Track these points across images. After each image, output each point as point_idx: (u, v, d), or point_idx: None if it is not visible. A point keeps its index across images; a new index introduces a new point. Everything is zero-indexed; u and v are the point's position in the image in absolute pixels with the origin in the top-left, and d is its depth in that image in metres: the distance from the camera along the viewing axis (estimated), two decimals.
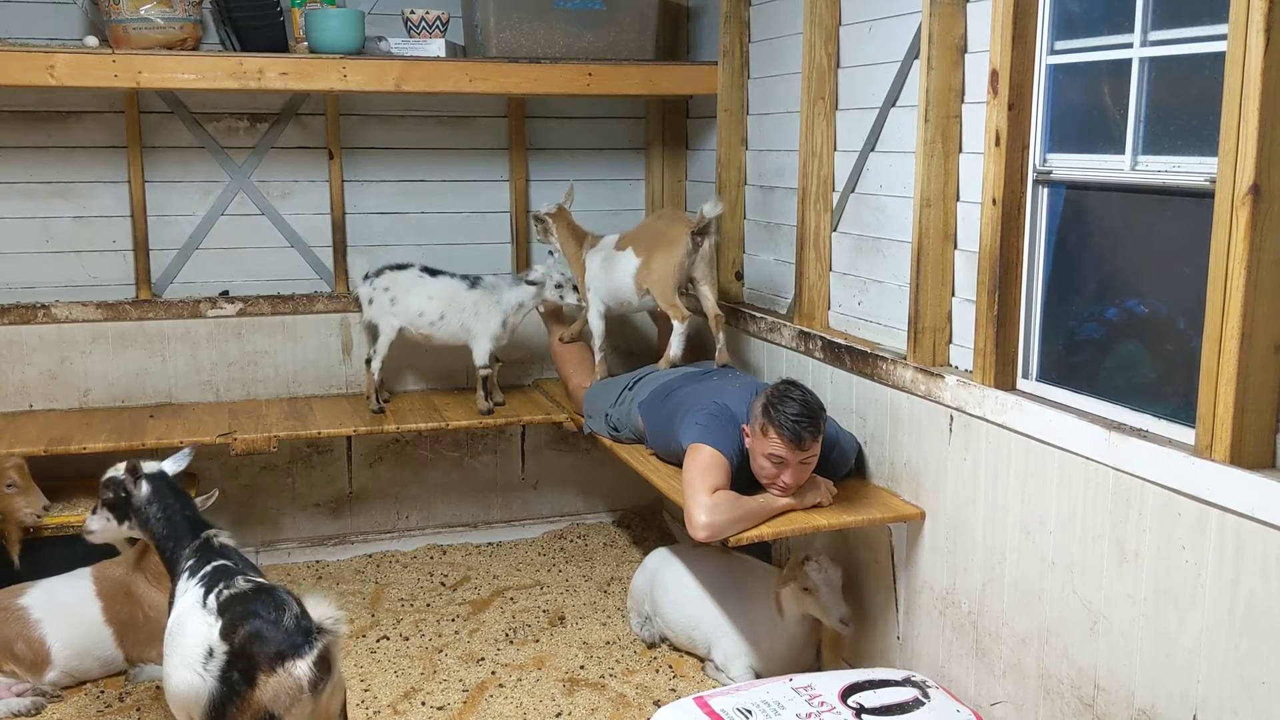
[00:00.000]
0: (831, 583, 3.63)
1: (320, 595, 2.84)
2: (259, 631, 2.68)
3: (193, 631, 2.80)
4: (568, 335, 4.83)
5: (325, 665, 2.69)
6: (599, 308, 4.51)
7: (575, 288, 4.61)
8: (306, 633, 2.68)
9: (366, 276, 4.73)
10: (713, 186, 4.78)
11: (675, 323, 4.21)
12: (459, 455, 5.24)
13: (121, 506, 3.38)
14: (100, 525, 3.46)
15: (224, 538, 3.20)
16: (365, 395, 4.83)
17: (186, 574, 3.06)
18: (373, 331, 4.75)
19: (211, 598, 2.83)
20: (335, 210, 4.95)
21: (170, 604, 3.09)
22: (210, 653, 2.72)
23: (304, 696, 2.66)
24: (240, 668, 2.67)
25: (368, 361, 4.76)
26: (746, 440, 3.51)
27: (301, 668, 2.65)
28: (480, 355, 4.68)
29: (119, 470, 3.40)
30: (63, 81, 4.06)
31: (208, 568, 3.01)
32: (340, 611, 2.78)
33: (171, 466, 3.45)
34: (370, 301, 4.70)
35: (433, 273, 4.70)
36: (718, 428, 3.55)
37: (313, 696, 2.68)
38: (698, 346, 4.51)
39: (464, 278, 4.70)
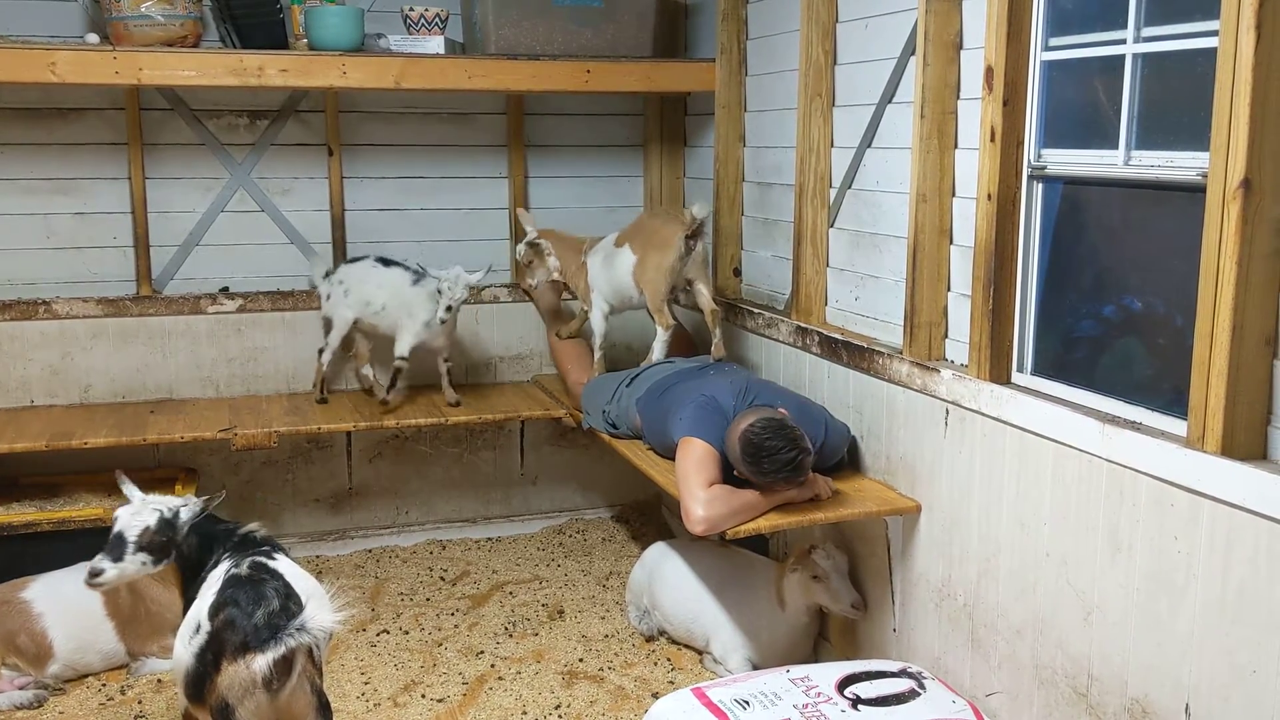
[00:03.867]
0: (840, 569, 3.66)
1: (325, 600, 2.87)
2: (232, 620, 2.73)
3: (201, 603, 2.88)
4: (566, 331, 4.84)
5: (285, 666, 2.71)
6: (603, 308, 4.52)
7: (449, 308, 4.44)
8: (275, 630, 2.70)
9: (327, 274, 4.77)
10: (711, 183, 4.80)
11: (659, 329, 4.24)
12: (458, 451, 5.26)
13: (165, 547, 3.12)
14: (134, 568, 3.11)
15: (263, 532, 3.25)
16: (313, 384, 4.86)
17: (225, 559, 3.04)
18: (328, 325, 4.76)
19: (228, 572, 2.91)
20: (335, 207, 4.97)
21: (193, 593, 3.04)
22: (197, 628, 2.80)
23: (258, 692, 2.69)
24: (213, 650, 2.74)
25: (320, 352, 4.79)
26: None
27: (259, 663, 2.68)
28: (400, 347, 4.61)
29: (157, 515, 3.11)
30: (64, 78, 4.08)
31: (247, 553, 3.05)
32: (332, 623, 2.79)
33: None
34: (328, 297, 4.73)
35: (386, 263, 4.67)
36: (706, 419, 3.57)
37: (269, 694, 2.71)
38: (695, 342, 4.53)
39: (414, 271, 4.63)
